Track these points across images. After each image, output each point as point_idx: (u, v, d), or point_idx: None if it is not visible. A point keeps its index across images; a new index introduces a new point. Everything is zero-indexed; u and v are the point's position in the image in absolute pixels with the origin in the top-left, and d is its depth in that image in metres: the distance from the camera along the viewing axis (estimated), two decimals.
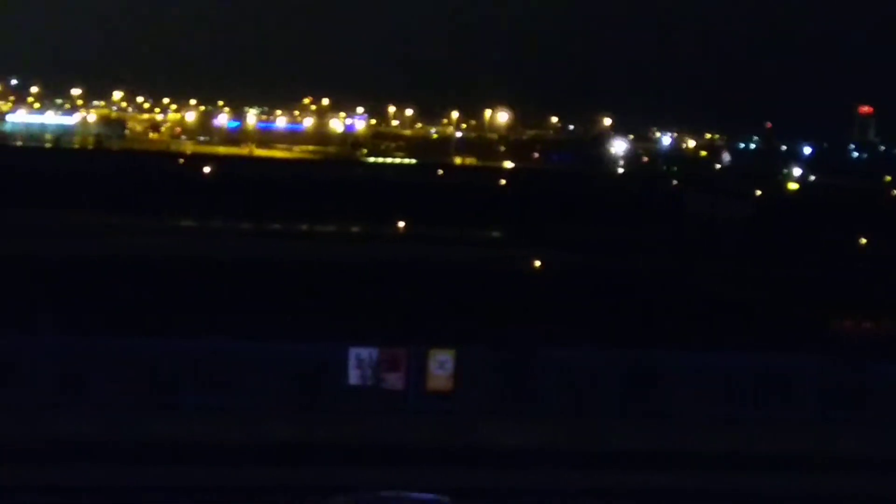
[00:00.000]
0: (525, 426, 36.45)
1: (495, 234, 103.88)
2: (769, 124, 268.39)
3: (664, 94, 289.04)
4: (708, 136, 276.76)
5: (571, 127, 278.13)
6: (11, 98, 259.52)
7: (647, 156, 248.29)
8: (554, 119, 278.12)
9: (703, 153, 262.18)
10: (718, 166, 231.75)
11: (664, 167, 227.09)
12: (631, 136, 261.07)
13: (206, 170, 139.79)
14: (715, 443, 36.57)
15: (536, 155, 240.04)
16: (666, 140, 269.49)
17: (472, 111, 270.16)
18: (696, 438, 36.64)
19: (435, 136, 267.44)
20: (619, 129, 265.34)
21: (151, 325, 45.85)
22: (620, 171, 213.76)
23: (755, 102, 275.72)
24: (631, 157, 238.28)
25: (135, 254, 74.24)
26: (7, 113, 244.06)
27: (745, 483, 34.38)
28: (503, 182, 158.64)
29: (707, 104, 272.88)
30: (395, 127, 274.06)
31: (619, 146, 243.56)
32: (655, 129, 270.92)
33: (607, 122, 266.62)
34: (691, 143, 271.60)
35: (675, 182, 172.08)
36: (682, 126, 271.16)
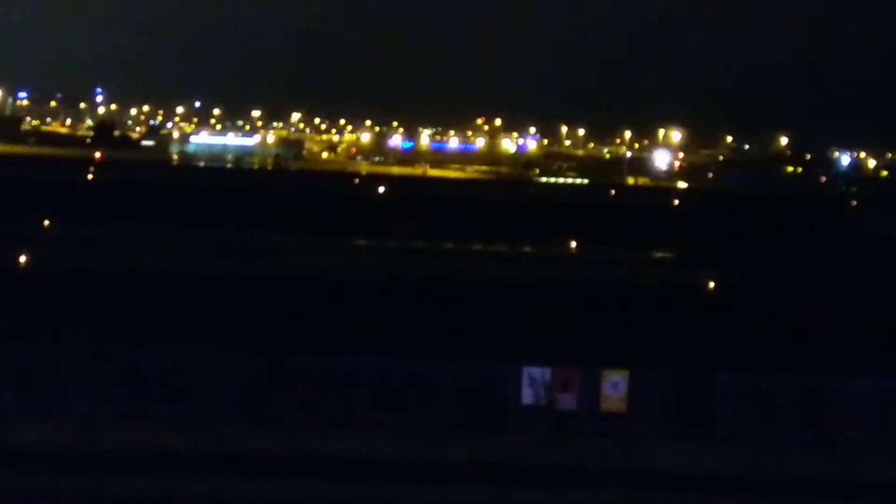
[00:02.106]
0: (700, 450, 36.08)
1: (668, 255, 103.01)
2: None
3: (844, 112, 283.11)
4: (889, 155, 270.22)
5: (747, 147, 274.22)
6: (195, 120, 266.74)
7: (825, 175, 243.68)
8: (729, 139, 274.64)
9: (885, 173, 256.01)
10: None
11: (843, 187, 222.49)
12: (808, 156, 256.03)
13: (381, 190, 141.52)
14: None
15: (710, 175, 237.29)
16: (845, 159, 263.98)
17: (645, 130, 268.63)
18: (874, 467, 35.82)
19: (607, 155, 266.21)
20: (796, 149, 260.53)
21: (326, 343, 46.59)
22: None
23: None
24: (672, 170, 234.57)
25: (310, 273, 75.52)
26: (191, 134, 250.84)
27: None
28: (676, 202, 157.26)
29: (888, 122, 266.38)
30: (567, 147, 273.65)
31: (662, 159, 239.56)
32: (834, 148, 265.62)
33: (784, 141, 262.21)
34: (871, 163, 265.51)
35: (854, 202, 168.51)
36: (863, 145, 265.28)
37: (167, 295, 59.15)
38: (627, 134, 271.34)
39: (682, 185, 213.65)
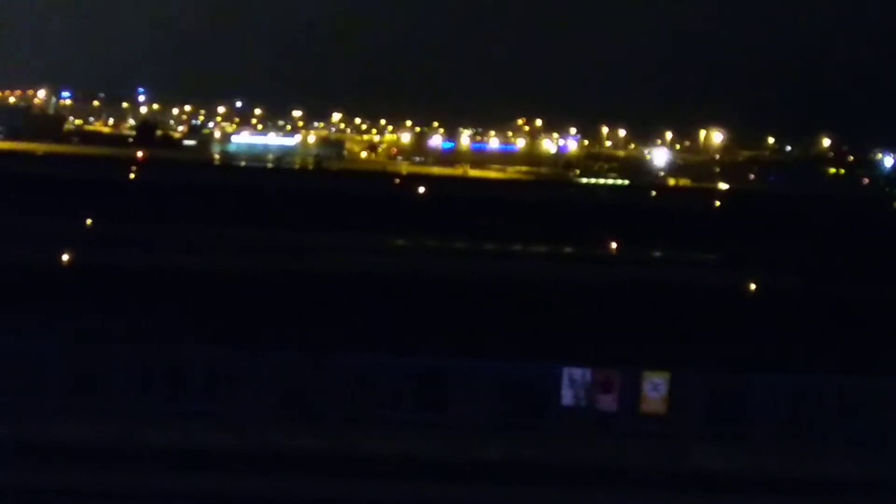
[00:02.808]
0: (739, 451, 36.01)
1: (709, 256, 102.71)
2: None
3: (888, 113, 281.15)
4: None
5: (789, 148, 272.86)
6: (236, 120, 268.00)
7: (868, 178, 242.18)
8: (771, 140, 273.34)
9: None
10: None
11: (886, 189, 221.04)
12: (851, 158, 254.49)
13: (421, 190, 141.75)
14: None
15: (752, 176, 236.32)
16: (888, 161, 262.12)
17: (686, 131, 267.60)
18: None
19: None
20: (839, 150, 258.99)
21: (367, 342, 46.78)
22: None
23: None
24: (673, 167, 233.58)
25: (351, 272, 75.80)
26: (232, 134, 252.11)
27: None
28: (717, 204, 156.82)
29: None
30: (608, 147, 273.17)
31: (659, 156, 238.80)
32: (878, 150, 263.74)
33: (826, 142, 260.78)
34: None
35: None
36: None
37: (208, 293, 59.53)
38: (668, 135, 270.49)
39: (722, 186, 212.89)
